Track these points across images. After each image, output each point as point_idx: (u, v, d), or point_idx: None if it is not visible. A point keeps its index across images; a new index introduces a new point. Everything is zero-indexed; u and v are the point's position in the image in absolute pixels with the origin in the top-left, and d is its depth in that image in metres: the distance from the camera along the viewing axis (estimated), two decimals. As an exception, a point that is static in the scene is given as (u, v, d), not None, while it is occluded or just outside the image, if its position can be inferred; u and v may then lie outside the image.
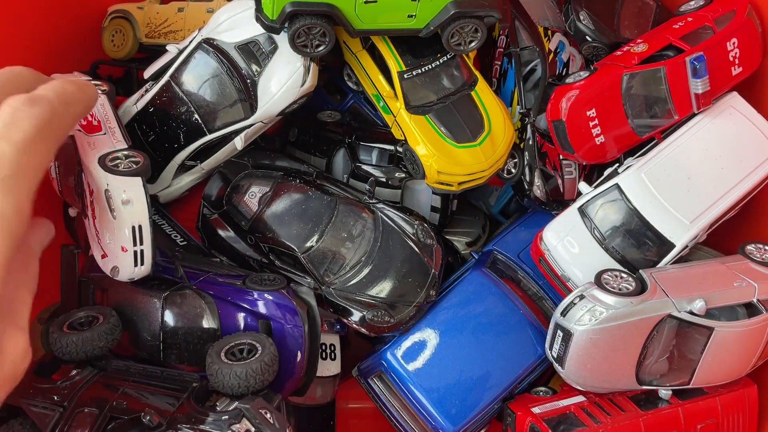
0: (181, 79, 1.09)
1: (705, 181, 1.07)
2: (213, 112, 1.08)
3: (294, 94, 1.06)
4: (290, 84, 1.05)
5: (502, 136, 1.09)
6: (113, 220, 0.90)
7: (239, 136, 1.08)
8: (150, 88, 1.12)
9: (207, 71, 1.08)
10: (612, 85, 1.08)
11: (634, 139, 1.11)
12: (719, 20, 1.11)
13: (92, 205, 0.96)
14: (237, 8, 1.08)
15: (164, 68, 1.11)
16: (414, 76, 1.09)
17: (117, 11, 1.32)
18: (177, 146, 1.11)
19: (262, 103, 1.06)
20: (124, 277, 0.95)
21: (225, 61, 1.07)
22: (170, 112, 1.10)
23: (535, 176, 1.17)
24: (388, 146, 1.18)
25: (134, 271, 0.93)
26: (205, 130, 1.09)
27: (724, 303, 0.99)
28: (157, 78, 1.12)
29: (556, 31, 1.24)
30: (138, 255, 0.92)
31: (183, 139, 1.10)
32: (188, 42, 1.10)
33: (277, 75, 1.06)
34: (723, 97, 1.12)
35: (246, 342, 0.93)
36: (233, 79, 1.07)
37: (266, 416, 0.79)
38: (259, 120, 1.08)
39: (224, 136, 1.09)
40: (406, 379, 1.08)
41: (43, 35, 1.26)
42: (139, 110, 1.12)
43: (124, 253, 0.92)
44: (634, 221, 1.06)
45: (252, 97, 1.07)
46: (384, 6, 0.99)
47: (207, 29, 1.09)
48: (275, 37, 1.06)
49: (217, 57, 1.07)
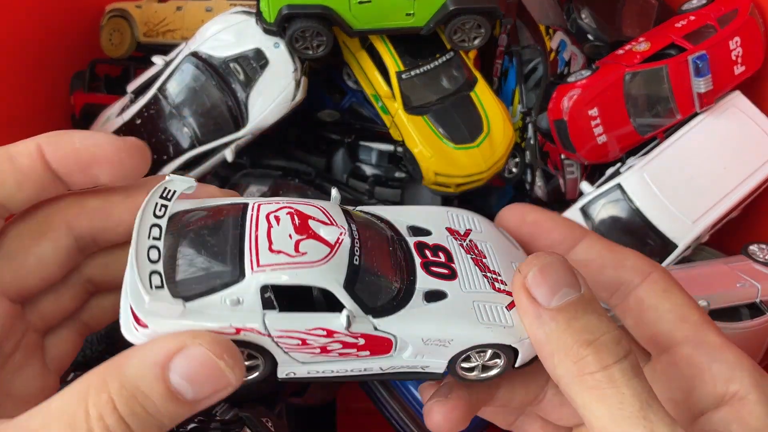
0: (169, 92, 1.08)
1: (708, 181, 1.06)
2: (202, 125, 1.07)
3: (285, 108, 1.05)
4: (281, 99, 1.04)
5: (502, 137, 1.09)
6: None
7: (229, 148, 1.07)
8: (135, 99, 1.11)
9: (195, 84, 1.06)
10: (614, 84, 1.07)
11: (636, 139, 1.11)
12: (722, 19, 1.10)
13: None
14: (226, 22, 1.06)
15: (151, 80, 1.09)
16: (412, 76, 1.08)
17: (115, 10, 1.31)
18: (166, 158, 1.09)
19: (252, 117, 1.05)
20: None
21: (214, 74, 1.05)
22: (158, 125, 1.08)
23: (537, 176, 1.17)
24: (389, 146, 1.17)
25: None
26: (194, 143, 1.07)
27: (726, 304, 0.98)
28: (143, 90, 1.10)
29: (558, 29, 1.23)
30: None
31: (172, 151, 1.09)
32: (175, 54, 1.09)
33: (268, 90, 1.04)
34: (726, 96, 1.12)
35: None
36: (223, 92, 1.05)
37: (267, 425, 0.79)
38: (249, 133, 1.07)
39: (214, 149, 1.08)
40: (406, 381, 1.08)
41: (40, 33, 1.25)
42: (126, 122, 1.10)
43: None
44: (637, 221, 1.05)
45: (242, 111, 1.05)
46: (379, 5, 0.98)
47: (195, 42, 1.07)
48: (266, 52, 1.05)
49: (205, 70, 1.05)
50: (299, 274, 0.41)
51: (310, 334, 0.42)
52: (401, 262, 0.46)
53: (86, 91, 1.29)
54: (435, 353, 0.45)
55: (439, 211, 0.53)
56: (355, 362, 0.45)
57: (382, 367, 0.45)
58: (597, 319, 0.41)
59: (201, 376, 0.38)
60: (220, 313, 0.41)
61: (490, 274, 0.47)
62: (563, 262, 0.43)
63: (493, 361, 0.46)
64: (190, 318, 0.40)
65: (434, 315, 0.44)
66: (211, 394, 0.39)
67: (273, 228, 0.43)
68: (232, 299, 0.41)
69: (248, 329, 0.41)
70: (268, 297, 0.41)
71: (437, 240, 0.49)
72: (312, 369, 0.45)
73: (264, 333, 0.42)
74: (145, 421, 0.37)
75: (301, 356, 0.44)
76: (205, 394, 0.39)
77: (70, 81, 1.32)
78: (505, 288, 0.47)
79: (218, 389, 0.39)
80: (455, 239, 0.50)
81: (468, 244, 0.49)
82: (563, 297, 0.41)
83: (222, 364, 0.38)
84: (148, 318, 0.40)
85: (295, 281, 0.41)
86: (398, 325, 0.43)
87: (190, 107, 1.07)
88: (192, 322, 0.40)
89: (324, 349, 0.43)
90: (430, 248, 0.48)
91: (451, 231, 0.51)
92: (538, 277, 0.42)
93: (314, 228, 0.44)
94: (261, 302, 0.41)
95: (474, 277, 0.47)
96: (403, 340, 0.44)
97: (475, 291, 0.46)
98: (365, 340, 0.43)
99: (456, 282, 0.46)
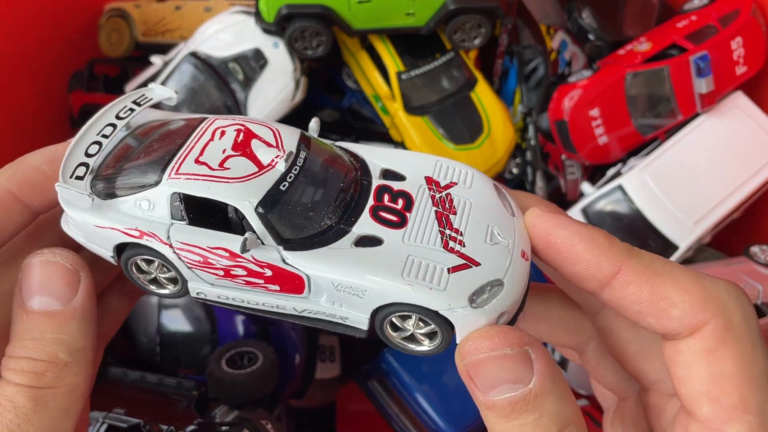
0: None
1: (709, 182, 1.06)
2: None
3: (284, 108, 1.05)
4: (281, 99, 1.04)
5: (502, 138, 1.08)
6: None
7: None
8: None
9: (194, 84, 1.06)
10: (615, 84, 1.07)
11: (637, 139, 1.10)
12: (723, 19, 1.10)
13: None
14: (225, 22, 1.06)
15: (150, 80, 1.09)
16: (412, 76, 1.07)
17: (114, 9, 1.31)
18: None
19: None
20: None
21: (213, 74, 1.05)
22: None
23: (537, 177, 1.16)
24: (389, 146, 1.16)
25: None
26: None
27: (728, 305, 0.98)
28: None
29: (559, 29, 1.23)
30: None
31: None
32: (174, 54, 1.09)
33: (267, 91, 1.04)
34: (727, 96, 1.11)
35: (247, 350, 0.92)
36: (222, 92, 1.05)
37: (267, 427, 0.78)
38: None
39: None
40: (406, 382, 1.07)
41: (39, 33, 1.25)
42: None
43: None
44: (638, 222, 1.05)
45: (241, 111, 1.05)
46: (379, 5, 0.97)
47: (194, 42, 1.07)
48: (265, 52, 1.04)
49: (204, 70, 1.05)
50: (211, 187, 0.40)
51: (212, 253, 0.41)
52: (346, 201, 0.43)
53: (85, 90, 1.29)
54: (351, 304, 0.41)
55: (427, 160, 0.47)
56: (265, 296, 0.43)
57: (296, 308, 0.43)
58: (535, 424, 0.36)
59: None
60: (130, 215, 0.42)
61: (450, 231, 0.42)
62: (508, 356, 0.36)
63: (426, 336, 0.41)
64: (98, 214, 0.42)
65: (351, 259, 0.40)
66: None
67: (212, 142, 0.43)
68: (143, 203, 0.42)
69: (150, 235, 0.41)
70: (178, 206, 0.41)
71: (406, 187, 0.44)
72: (222, 294, 0.44)
73: (165, 242, 0.41)
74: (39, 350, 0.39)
75: (206, 276, 0.43)
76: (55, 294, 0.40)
77: (69, 80, 1.31)
78: (460, 250, 0.40)
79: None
80: (429, 189, 0.45)
81: (442, 197, 0.44)
82: (502, 393, 0.36)
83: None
84: (63, 203, 0.42)
85: (203, 194, 0.40)
86: (309, 263, 0.40)
87: (189, 107, 1.06)
88: (98, 219, 0.42)
89: (228, 273, 0.42)
90: (393, 193, 0.44)
91: (430, 180, 0.45)
92: (473, 369, 0.37)
93: (254, 147, 0.42)
94: (170, 211, 0.41)
95: (425, 231, 0.42)
96: (315, 281, 0.41)
97: (418, 245, 0.40)
98: (272, 272, 0.41)
99: (401, 231, 0.41)
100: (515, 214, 0.44)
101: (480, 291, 0.39)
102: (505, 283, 0.39)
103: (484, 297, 0.39)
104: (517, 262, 0.40)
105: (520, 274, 0.40)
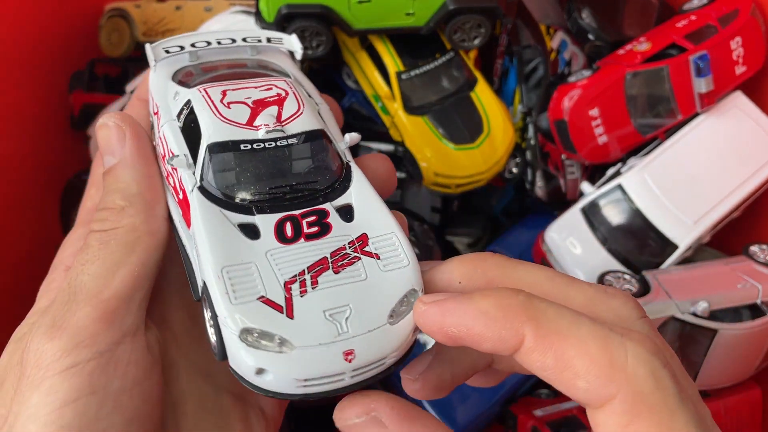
0: None
1: (709, 182, 1.06)
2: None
3: None
4: None
5: (502, 138, 1.08)
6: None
7: None
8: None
9: None
10: (615, 84, 1.07)
11: (637, 139, 1.10)
12: (723, 19, 1.10)
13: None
14: (225, 22, 1.06)
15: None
16: (412, 76, 1.07)
17: (114, 9, 1.31)
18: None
19: None
20: None
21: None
22: None
23: (537, 176, 1.16)
24: (389, 146, 1.16)
25: None
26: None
27: (727, 305, 0.98)
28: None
29: (558, 29, 1.23)
30: None
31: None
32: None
33: None
34: (727, 96, 1.11)
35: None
36: None
37: None
38: None
39: None
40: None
41: (39, 33, 1.25)
42: None
43: None
44: (637, 222, 1.05)
45: None
46: (379, 5, 0.98)
47: None
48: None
49: None
50: (203, 110, 0.45)
51: (170, 153, 0.46)
52: (280, 197, 0.43)
53: (85, 90, 1.29)
54: (193, 260, 0.43)
55: (390, 227, 0.43)
56: (176, 212, 0.46)
57: (182, 238, 0.45)
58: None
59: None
60: (163, 95, 0.50)
61: (309, 277, 0.39)
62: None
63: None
64: (155, 76, 0.52)
65: (219, 230, 0.40)
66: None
67: (254, 89, 0.47)
68: (175, 93, 0.49)
69: (157, 116, 0.50)
70: (182, 109, 0.47)
71: (338, 228, 0.42)
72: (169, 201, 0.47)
73: (159, 128, 0.49)
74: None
75: (163, 175, 0.48)
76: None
77: (69, 80, 1.31)
78: (292, 296, 0.38)
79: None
80: (352, 243, 0.42)
81: (348, 253, 0.41)
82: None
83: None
84: (149, 57, 0.52)
85: (198, 110, 0.45)
86: (197, 212, 0.41)
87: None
88: (153, 79, 0.52)
89: (167, 177, 0.47)
90: (321, 222, 0.42)
91: (366, 238, 0.43)
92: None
93: (264, 109, 0.45)
94: (179, 109, 0.48)
95: (291, 260, 0.40)
96: (192, 227, 0.43)
97: (271, 265, 0.39)
98: (183, 198, 0.44)
99: (277, 245, 0.40)
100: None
101: (262, 333, 0.36)
102: (296, 347, 0.36)
103: (254, 339, 0.36)
104: (333, 355, 0.36)
105: (323, 362, 0.36)
